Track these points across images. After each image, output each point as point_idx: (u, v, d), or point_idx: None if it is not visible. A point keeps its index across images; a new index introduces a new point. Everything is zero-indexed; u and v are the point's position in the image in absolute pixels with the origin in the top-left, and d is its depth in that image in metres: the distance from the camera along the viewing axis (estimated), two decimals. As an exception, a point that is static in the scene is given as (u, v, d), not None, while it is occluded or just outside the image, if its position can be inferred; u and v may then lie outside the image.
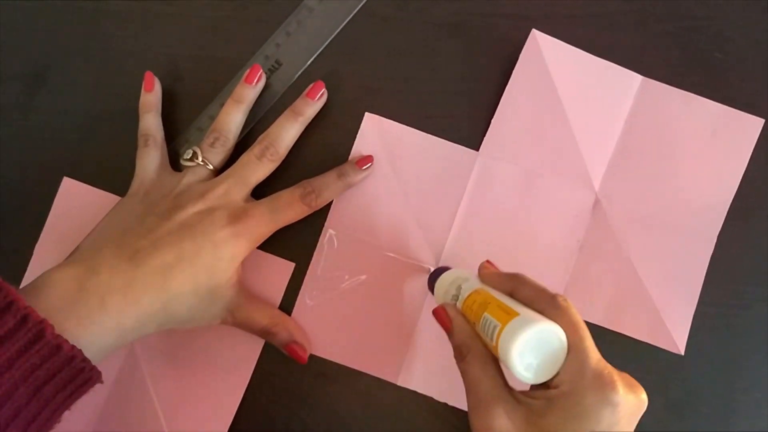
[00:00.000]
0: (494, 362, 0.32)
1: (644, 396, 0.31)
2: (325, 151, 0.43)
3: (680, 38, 0.43)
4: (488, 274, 0.36)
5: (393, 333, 0.42)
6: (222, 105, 0.42)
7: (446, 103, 0.43)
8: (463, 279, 0.36)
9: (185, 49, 0.44)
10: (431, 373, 0.42)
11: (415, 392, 0.42)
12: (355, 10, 0.44)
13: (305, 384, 0.43)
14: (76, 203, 0.44)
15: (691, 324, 0.42)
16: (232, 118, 0.41)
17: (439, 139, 0.43)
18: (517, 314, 0.30)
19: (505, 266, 0.42)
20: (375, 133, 0.43)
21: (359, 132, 0.43)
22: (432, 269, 0.42)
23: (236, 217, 0.38)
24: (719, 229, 0.42)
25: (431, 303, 0.42)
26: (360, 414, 0.42)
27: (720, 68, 0.43)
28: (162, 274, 0.36)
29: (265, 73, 0.43)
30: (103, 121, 0.44)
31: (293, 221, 0.40)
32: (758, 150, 0.42)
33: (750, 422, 0.42)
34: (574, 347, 0.30)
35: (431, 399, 0.42)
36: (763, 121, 0.42)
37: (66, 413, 0.32)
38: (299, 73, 0.44)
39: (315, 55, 0.44)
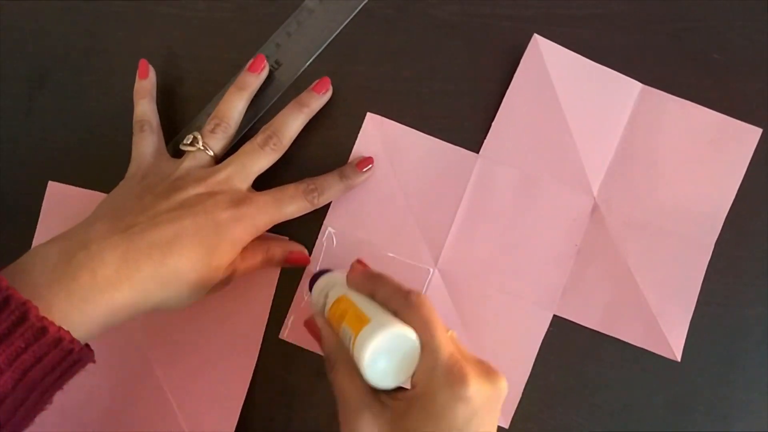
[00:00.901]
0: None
1: (502, 383, 0.31)
2: (325, 150, 0.43)
3: (678, 39, 0.43)
4: (352, 277, 0.36)
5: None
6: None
7: (446, 104, 0.43)
8: (330, 285, 0.37)
9: (185, 50, 0.44)
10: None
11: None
12: (356, 11, 0.43)
13: (305, 383, 0.43)
14: (66, 206, 0.44)
15: (689, 327, 0.42)
16: (235, 105, 0.40)
17: (440, 140, 0.43)
18: (368, 321, 0.31)
19: (504, 269, 0.42)
20: (376, 133, 0.43)
21: (360, 131, 0.43)
22: (314, 273, 0.42)
23: (239, 201, 0.37)
24: (716, 237, 0.42)
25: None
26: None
27: (718, 69, 0.43)
28: (161, 249, 0.34)
29: (265, 72, 0.43)
30: (103, 122, 0.44)
31: (294, 216, 0.40)
32: (756, 159, 0.42)
33: (749, 422, 0.42)
34: (425, 346, 0.30)
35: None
36: (761, 130, 0.42)
37: (71, 414, 0.32)
38: (299, 73, 0.44)
39: (315, 56, 0.44)
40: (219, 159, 0.41)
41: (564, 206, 0.43)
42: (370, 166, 0.42)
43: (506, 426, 0.42)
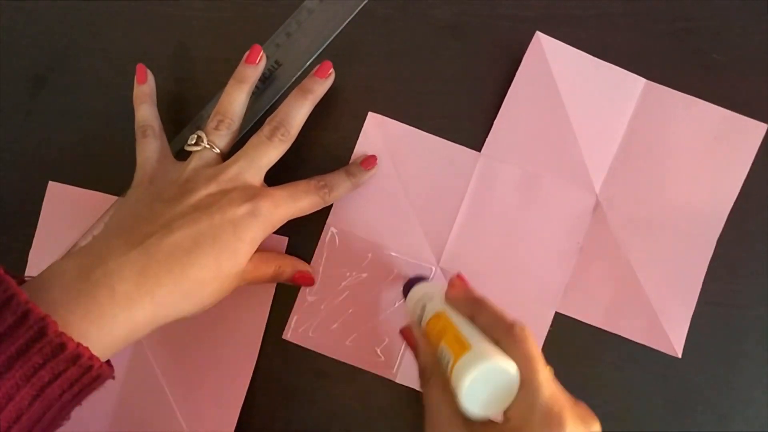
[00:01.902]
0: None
1: (597, 427, 0.31)
2: (326, 151, 0.43)
3: (679, 39, 0.43)
4: (452, 295, 0.36)
5: (392, 331, 0.43)
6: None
7: (446, 104, 0.43)
8: (428, 298, 0.37)
9: (185, 50, 0.44)
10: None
11: (413, 390, 0.42)
12: (355, 11, 0.44)
13: (305, 383, 0.43)
14: (66, 206, 0.43)
15: (689, 325, 0.42)
16: (236, 98, 0.39)
17: (441, 139, 0.43)
18: (469, 348, 0.30)
19: (506, 267, 0.42)
20: (378, 132, 0.43)
21: (362, 131, 0.43)
22: (409, 277, 0.42)
23: (254, 195, 0.36)
24: (719, 234, 0.42)
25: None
26: (360, 412, 0.43)
27: (718, 69, 0.43)
28: (180, 261, 0.33)
29: (265, 73, 0.43)
30: (103, 122, 0.44)
31: (306, 212, 0.39)
32: (760, 155, 0.42)
33: (749, 422, 0.42)
34: (526, 382, 0.30)
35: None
36: (765, 126, 0.42)
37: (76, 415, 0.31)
38: (299, 73, 0.44)
39: (315, 56, 0.44)
40: (225, 156, 0.40)
41: (566, 204, 0.43)
42: (375, 164, 0.42)
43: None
